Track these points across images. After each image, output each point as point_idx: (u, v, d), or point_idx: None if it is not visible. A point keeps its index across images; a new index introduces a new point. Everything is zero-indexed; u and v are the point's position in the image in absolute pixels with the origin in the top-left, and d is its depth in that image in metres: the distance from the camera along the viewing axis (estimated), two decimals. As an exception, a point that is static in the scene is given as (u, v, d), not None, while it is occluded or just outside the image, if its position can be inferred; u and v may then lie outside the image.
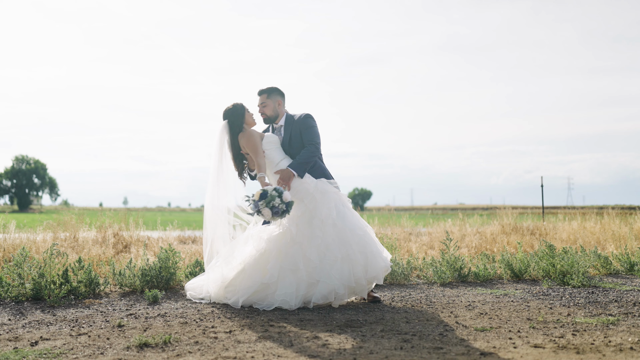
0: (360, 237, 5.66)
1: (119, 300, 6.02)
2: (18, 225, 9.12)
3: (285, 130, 6.00)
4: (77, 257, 7.67)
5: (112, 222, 9.62)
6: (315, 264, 5.47)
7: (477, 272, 7.48)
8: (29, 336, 4.46)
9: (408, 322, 4.97)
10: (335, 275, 5.50)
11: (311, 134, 5.88)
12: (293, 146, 5.94)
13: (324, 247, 5.51)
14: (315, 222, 5.57)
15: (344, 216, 5.71)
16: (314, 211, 5.62)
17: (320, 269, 5.49)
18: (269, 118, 6.06)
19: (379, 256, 5.73)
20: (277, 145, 5.94)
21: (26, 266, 6.01)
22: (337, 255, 5.52)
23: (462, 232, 11.79)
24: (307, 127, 5.91)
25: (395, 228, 12.84)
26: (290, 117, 6.02)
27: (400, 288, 6.95)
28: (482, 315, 5.28)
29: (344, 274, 5.52)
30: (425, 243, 10.77)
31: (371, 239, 5.77)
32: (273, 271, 5.48)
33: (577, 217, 13.12)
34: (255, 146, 5.80)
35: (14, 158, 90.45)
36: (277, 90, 6.06)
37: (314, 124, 5.96)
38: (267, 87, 6.04)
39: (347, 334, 4.50)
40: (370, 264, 5.64)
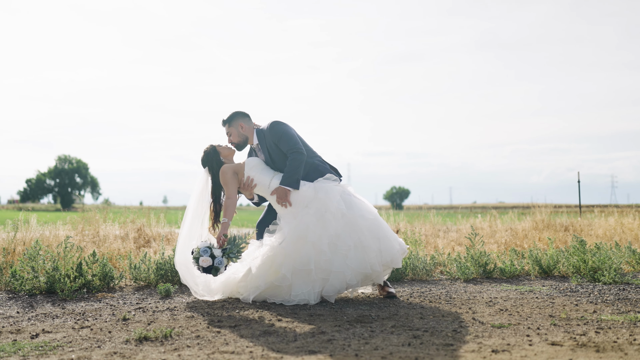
0: (371, 221, 5.46)
1: (132, 294, 5.94)
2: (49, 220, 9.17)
3: (262, 147, 5.77)
4: (97, 251, 7.65)
5: (135, 218, 9.61)
6: (328, 256, 5.29)
7: (503, 268, 7.21)
8: (32, 329, 4.39)
9: (422, 317, 4.76)
10: (349, 264, 5.31)
11: (287, 142, 5.58)
12: (275, 160, 5.71)
13: (335, 238, 5.33)
14: (327, 216, 5.39)
15: (352, 204, 5.52)
16: (323, 209, 5.42)
17: (333, 260, 5.31)
18: (239, 144, 5.84)
19: (394, 239, 5.52)
20: (262, 166, 5.72)
21: (40, 259, 5.98)
22: (349, 243, 5.33)
23: (493, 228, 11.48)
24: (278, 136, 5.62)
25: (425, 225, 12.58)
26: (261, 132, 5.77)
27: (421, 284, 6.73)
28: (501, 311, 5.04)
29: (358, 262, 5.34)
30: (454, 239, 10.50)
31: (383, 223, 5.56)
32: (286, 273, 5.30)
33: (614, 213, 12.66)
34: (225, 181, 5.63)
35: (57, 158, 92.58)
36: (235, 114, 5.82)
37: (284, 129, 5.65)
38: (226, 117, 5.83)
39: (355, 329, 4.31)
40: (385, 247, 5.43)
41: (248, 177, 5.65)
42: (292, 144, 5.56)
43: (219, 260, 5.38)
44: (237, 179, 5.66)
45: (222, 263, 5.40)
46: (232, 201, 5.57)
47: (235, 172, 5.66)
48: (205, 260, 5.35)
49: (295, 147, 5.55)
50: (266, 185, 5.62)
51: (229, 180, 5.60)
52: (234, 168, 5.68)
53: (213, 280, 5.59)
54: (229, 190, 5.60)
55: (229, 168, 5.66)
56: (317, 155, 5.82)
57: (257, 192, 5.71)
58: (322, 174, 5.70)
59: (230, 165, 5.71)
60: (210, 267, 5.38)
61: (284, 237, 5.36)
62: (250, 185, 5.64)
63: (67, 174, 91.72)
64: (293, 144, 5.56)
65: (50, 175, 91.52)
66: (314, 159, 5.75)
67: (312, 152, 5.79)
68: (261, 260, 5.41)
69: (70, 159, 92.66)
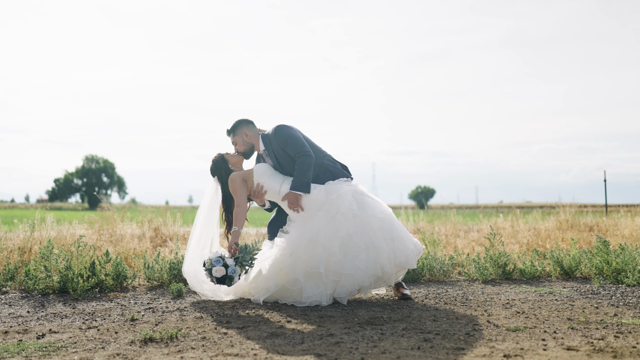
0: (382, 220, 5.34)
1: (145, 294, 5.90)
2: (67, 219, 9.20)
3: (269, 153, 5.67)
4: (113, 250, 7.65)
5: (153, 217, 9.60)
6: (339, 257, 5.19)
7: (523, 269, 7.04)
8: (39, 329, 4.36)
9: (435, 320, 4.64)
10: (360, 265, 5.21)
11: (293, 145, 5.46)
12: (284, 165, 5.61)
13: (347, 239, 5.23)
14: (338, 217, 5.28)
15: (364, 203, 5.40)
16: (334, 210, 5.31)
17: (344, 262, 5.21)
18: (246, 152, 5.76)
19: (408, 239, 5.39)
20: (271, 171, 5.62)
21: (53, 259, 5.97)
22: (360, 244, 5.22)
23: (515, 228, 11.26)
24: (284, 140, 5.51)
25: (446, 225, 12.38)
26: (266, 138, 5.67)
27: (438, 285, 6.59)
28: (518, 314, 4.89)
29: (369, 263, 5.23)
30: (475, 239, 10.32)
31: (396, 222, 5.44)
32: (297, 276, 5.21)
33: (642, 213, 12.35)
34: (234, 190, 5.53)
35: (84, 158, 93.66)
36: (238, 123, 5.73)
37: (289, 132, 5.54)
38: (230, 126, 5.74)
39: (365, 332, 4.21)
40: (398, 248, 5.31)
41: (258, 184, 5.56)
42: (299, 147, 5.45)
43: (232, 269, 5.30)
44: (247, 187, 5.58)
45: (236, 272, 5.32)
46: (242, 209, 5.48)
47: (244, 179, 5.58)
48: (219, 270, 5.26)
49: (302, 150, 5.44)
50: (276, 190, 5.53)
51: (238, 188, 5.52)
52: (243, 175, 5.59)
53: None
54: (238, 198, 5.51)
55: (238, 176, 5.57)
56: (326, 155, 5.71)
57: (268, 198, 5.63)
58: (333, 174, 5.60)
59: (238, 172, 5.63)
60: (224, 277, 5.29)
61: (293, 240, 5.27)
62: (260, 192, 5.56)
63: (94, 173, 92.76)
64: (300, 147, 5.46)
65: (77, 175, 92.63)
66: (324, 159, 5.65)
67: (321, 152, 5.69)
68: (271, 261, 5.33)
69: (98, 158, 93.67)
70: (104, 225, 9.05)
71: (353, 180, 5.70)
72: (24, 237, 7.33)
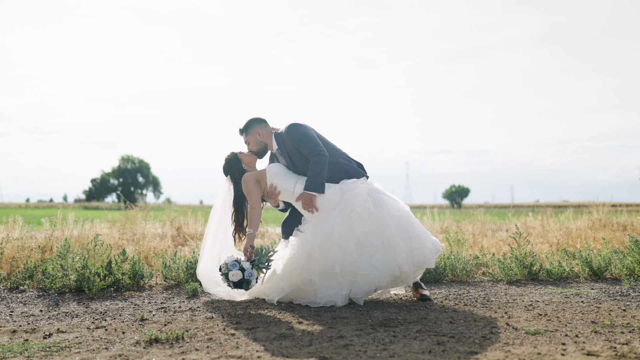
0: (399, 218, 5.18)
1: (160, 294, 5.85)
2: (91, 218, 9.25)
3: (282, 152, 5.54)
4: (133, 249, 7.63)
5: (176, 216, 9.58)
6: (354, 257, 5.05)
7: (550, 270, 6.80)
8: (47, 328, 4.32)
9: (452, 322, 4.47)
10: (377, 265, 5.06)
11: (306, 144, 5.33)
12: (297, 164, 5.48)
13: (362, 238, 5.08)
14: (353, 216, 5.14)
15: (380, 201, 5.25)
16: (349, 209, 5.17)
17: (360, 261, 5.07)
18: (259, 152, 5.63)
19: (426, 238, 5.23)
20: (284, 171, 5.48)
21: (70, 258, 5.95)
22: (377, 243, 5.07)
23: (545, 227, 10.96)
24: (297, 139, 5.37)
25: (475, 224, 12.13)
26: (279, 136, 5.54)
27: (460, 285, 6.40)
28: (540, 316, 4.69)
29: (386, 263, 5.07)
30: (503, 239, 10.06)
31: (414, 221, 5.28)
32: (312, 277, 5.09)
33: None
34: (247, 191, 5.42)
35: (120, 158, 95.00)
36: (251, 122, 5.61)
37: (302, 131, 5.40)
38: (242, 125, 5.62)
39: (377, 334, 4.06)
40: (416, 247, 5.15)
41: (271, 185, 5.44)
42: (313, 146, 5.32)
43: (249, 273, 5.19)
44: (260, 188, 5.47)
45: (253, 275, 5.21)
46: (257, 211, 5.37)
47: (258, 180, 5.47)
48: (236, 274, 5.16)
49: (316, 150, 5.31)
50: (290, 191, 5.41)
51: (251, 189, 5.41)
52: (256, 176, 5.48)
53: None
54: (252, 200, 5.40)
55: (251, 176, 5.46)
56: (341, 153, 5.57)
57: (281, 199, 5.51)
58: (348, 173, 5.46)
59: (252, 173, 5.51)
60: (241, 281, 5.19)
61: (308, 240, 5.15)
62: (274, 193, 5.44)
63: (129, 173, 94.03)
64: (313, 146, 5.32)
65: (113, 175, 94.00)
66: (338, 158, 5.51)
67: (336, 151, 5.55)
68: (285, 261, 5.22)
69: (133, 159, 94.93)
70: (127, 224, 9.05)
71: (369, 178, 5.55)
72: (45, 236, 7.35)
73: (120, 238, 8.42)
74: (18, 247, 7.00)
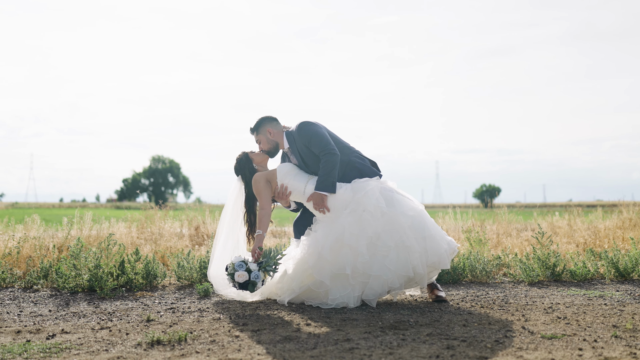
0: (412, 218, 5.02)
1: (172, 294, 5.78)
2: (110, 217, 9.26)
3: (294, 151, 5.42)
4: (150, 249, 7.59)
5: (195, 215, 9.54)
6: (366, 258, 4.92)
7: (574, 270, 6.58)
8: (52, 329, 4.27)
9: (465, 325, 4.31)
10: (390, 266, 4.92)
11: (317, 143, 5.20)
12: (309, 163, 5.35)
13: (375, 238, 4.94)
14: (365, 215, 5.00)
15: (392, 200, 5.10)
16: (360, 208, 5.04)
17: (372, 262, 4.93)
18: (270, 151, 5.51)
19: (441, 238, 5.07)
20: (295, 171, 5.36)
21: (82, 257, 5.92)
22: (390, 244, 4.92)
23: (573, 227, 10.67)
24: (308, 138, 5.25)
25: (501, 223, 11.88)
26: (290, 135, 5.42)
27: (479, 287, 6.22)
28: (559, 319, 4.50)
29: (399, 264, 4.93)
30: (528, 239, 9.80)
31: (428, 220, 5.12)
32: (323, 279, 4.97)
33: None
34: (258, 191, 5.31)
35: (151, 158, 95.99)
36: (261, 120, 5.49)
37: (313, 129, 5.27)
38: (253, 124, 5.51)
39: (385, 337, 3.92)
40: (430, 247, 4.99)
41: (282, 185, 5.33)
42: (324, 144, 5.19)
43: (255, 275, 5.09)
44: (271, 188, 5.36)
45: (259, 277, 5.11)
46: (266, 212, 5.26)
47: (268, 180, 5.36)
48: (241, 275, 5.07)
49: (327, 148, 5.18)
50: (301, 191, 5.29)
51: (261, 189, 5.30)
52: (267, 176, 5.37)
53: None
54: (262, 200, 5.30)
55: (261, 176, 5.35)
56: (354, 152, 5.43)
57: (292, 199, 5.40)
58: (361, 171, 5.32)
59: (262, 173, 5.40)
60: (246, 283, 5.09)
61: (318, 241, 5.03)
62: (284, 193, 5.33)
63: (160, 173, 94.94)
64: (324, 144, 5.19)
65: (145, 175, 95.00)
66: (350, 156, 5.37)
67: (349, 149, 5.42)
68: (295, 261, 5.11)
69: (164, 159, 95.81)
70: (147, 223, 9.03)
71: (382, 177, 5.41)
72: (62, 235, 7.35)
73: (138, 237, 8.40)
74: (35, 247, 7.01)
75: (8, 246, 7.02)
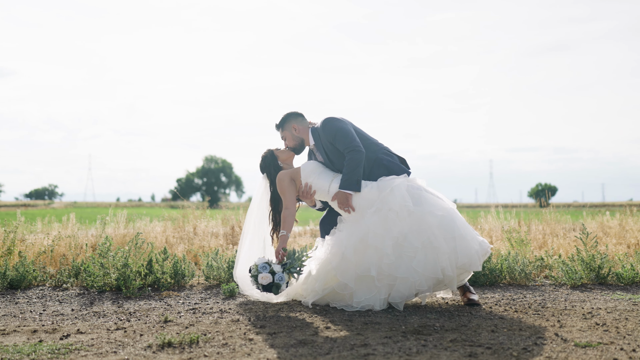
0: (441, 217, 4.78)
1: (199, 294, 5.69)
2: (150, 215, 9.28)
3: (319, 148, 5.24)
4: (184, 248, 7.54)
5: (231, 214, 9.48)
6: (392, 259, 4.71)
7: (621, 273, 6.20)
8: (69, 329, 4.21)
9: (494, 331, 4.05)
10: (417, 268, 4.69)
11: (342, 139, 5.00)
12: (334, 161, 5.17)
13: (402, 239, 4.73)
14: (390, 215, 4.79)
15: (420, 199, 4.87)
16: (386, 207, 4.83)
17: (398, 264, 4.72)
18: (296, 148, 5.34)
19: (471, 239, 4.81)
20: (319, 169, 5.19)
21: (110, 256, 5.88)
22: (416, 244, 4.70)
23: (625, 227, 10.17)
24: (332, 134, 5.06)
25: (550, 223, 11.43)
26: (316, 131, 5.23)
27: (517, 290, 5.92)
28: (597, 326, 4.20)
29: (427, 265, 4.70)
30: (576, 240, 9.38)
31: (459, 220, 4.87)
32: (347, 281, 4.78)
33: None
34: (282, 190, 5.15)
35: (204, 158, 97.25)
36: (286, 117, 5.32)
37: (337, 125, 5.07)
38: (278, 121, 5.35)
39: (405, 342, 3.72)
40: (460, 248, 4.74)
41: (306, 184, 5.16)
42: (348, 141, 5.00)
43: (279, 277, 4.94)
44: (295, 186, 5.19)
45: (283, 279, 4.96)
46: (291, 212, 5.11)
47: (293, 178, 5.20)
48: (265, 277, 4.92)
49: (351, 145, 4.98)
50: (325, 190, 5.12)
51: (286, 188, 5.14)
52: (291, 174, 5.21)
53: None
54: (286, 199, 5.14)
55: (285, 175, 5.19)
56: (382, 148, 5.22)
57: (317, 198, 5.23)
58: (388, 169, 5.10)
59: (286, 171, 5.25)
60: (270, 284, 4.94)
61: (342, 241, 4.85)
62: (309, 192, 5.16)
63: (213, 173, 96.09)
64: (349, 141, 5.00)
65: (198, 174, 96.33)
66: (377, 153, 5.16)
67: (376, 145, 5.21)
68: (319, 262, 4.95)
69: (216, 159, 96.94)
70: (183, 222, 9.01)
71: (411, 174, 5.19)
72: (96, 234, 7.37)
73: (173, 236, 8.37)
74: (70, 245, 7.04)
75: (43, 244, 7.07)
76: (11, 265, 6.37)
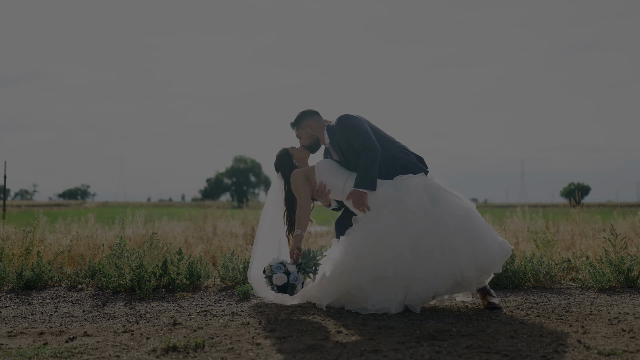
0: (460, 217, 4.61)
1: (213, 295, 5.59)
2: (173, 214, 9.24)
3: (334, 146, 5.11)
4: (202, 248, 7.46)
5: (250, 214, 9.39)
6: (408, 260, 4.55)
7: (651, 276, 5.95)
8: (76, 331, 4.14)
9: (512, 337, 3.87)
10: (434, 269, 4.53)
11: (357, 137, 4.86)
12: (349, 159, 5.02)
13: (418, 239, 4.56)
14: (407, 215, 4.63)
15: (438, 198, 4.70)
16: (402, 207, 4.67)
17: (415, 265, 4.56)
18: (311, 146, 5.22)
19: (491, 239, 4.63)
20: (334, 168, 5.06)
21: (125, 256, 5.82)
22: (434, 244, 4.53)
23: (658, 228, 9.83)
24: (347, 132, 4.92)
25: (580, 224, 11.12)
26: (331, 129, 5.10)
27: (541, 293, 5.71)
28: (622, 332, 3.99)
29: (444, 267, 4.53)
30: (605, 241, 9.09)
31: (479, 220, 4.69)
32: (361, 282, 4.64)
33: None
34: (296, 188, 5.03)
35: (234, 158, 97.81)
36: (302, 115, 5.20)
37: (352, 123, 4.93)
38: (293, 119, 5.24)
39: (418, 349, 3.56)
40: (479, 249, 4.56)
41: (320, 183, 5.03)
42: (363, 139, 4.85)
43: (294, 277, 4.81)
44: (309, 185, 5.06)
45: (298, 279, 4.83)
46: (305, 211, 4.98)
47: (307, 177, 5.07)
48: (280, 278, 4.80)
49: (367, 143, 4.83)
50: (340, 188, 4.98)
51: (300, 187, 5.02)
52: (306, 173, 5.09)
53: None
54: (300, 198, 5.02)
55: (300, 173, 5.07)
56: (398, 146, 5.07)
57: (332, 197, 5.10)
58: (405, 167, 4.94)
59: (301, 170, 5.12)
60: (285, 285, 4.82)
61: (357, 242, 4.70)
62: (323, 191, 5.03)
63: (242, 173, 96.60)
64: (364, 138, 4.85)
65: (227, 174, 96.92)
66: (394, 151, 5.01)
67: (392, 143, 5.06)
68: (333, 263, 4.81)
69: (245, 159, 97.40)
70: (203, 223, 8.95)
71: (428, 173, 5.02)
72: (114, 234, 7.34)
73: (193, 236, 8.31)
74: (88, 246, 7.02)
75: (62, 244, 7.05)
76: (29, 265, 6.36)
